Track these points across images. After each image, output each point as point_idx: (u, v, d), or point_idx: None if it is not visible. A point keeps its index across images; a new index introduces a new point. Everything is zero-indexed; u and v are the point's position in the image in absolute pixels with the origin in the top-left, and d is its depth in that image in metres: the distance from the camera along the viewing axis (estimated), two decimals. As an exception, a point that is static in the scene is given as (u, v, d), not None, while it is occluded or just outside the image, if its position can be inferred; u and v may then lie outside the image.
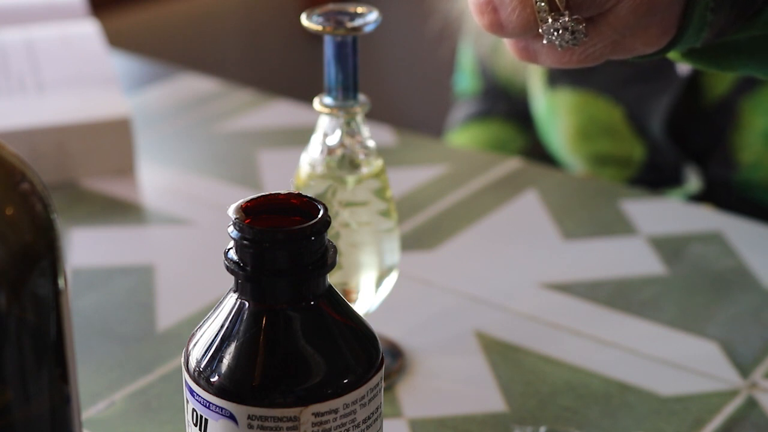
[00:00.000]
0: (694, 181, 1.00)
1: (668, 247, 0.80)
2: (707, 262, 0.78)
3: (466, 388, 0.66)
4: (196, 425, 0.48)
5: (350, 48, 0.61)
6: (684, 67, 0.98)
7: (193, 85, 1.07)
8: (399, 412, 0.64)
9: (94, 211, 0.85)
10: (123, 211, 0.86)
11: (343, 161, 0.63)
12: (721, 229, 0.82)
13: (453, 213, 0.85)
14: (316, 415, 0.46)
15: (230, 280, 0.47)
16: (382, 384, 0.49)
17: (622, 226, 0.83)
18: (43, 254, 0.41)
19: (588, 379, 0.67)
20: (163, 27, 1.92)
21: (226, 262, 0.47)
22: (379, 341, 0.49)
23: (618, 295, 0.75)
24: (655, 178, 1.02)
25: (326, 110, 0.62)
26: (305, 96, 0.90)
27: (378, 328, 0.70)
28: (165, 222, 0.84)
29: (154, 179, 0.90)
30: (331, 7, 0.61)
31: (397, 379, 0.67)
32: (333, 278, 0.64)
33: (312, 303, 0.47)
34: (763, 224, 0.83)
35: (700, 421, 0.63)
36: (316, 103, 0.62)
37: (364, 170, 0.63)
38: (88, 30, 1.04)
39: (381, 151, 0.65)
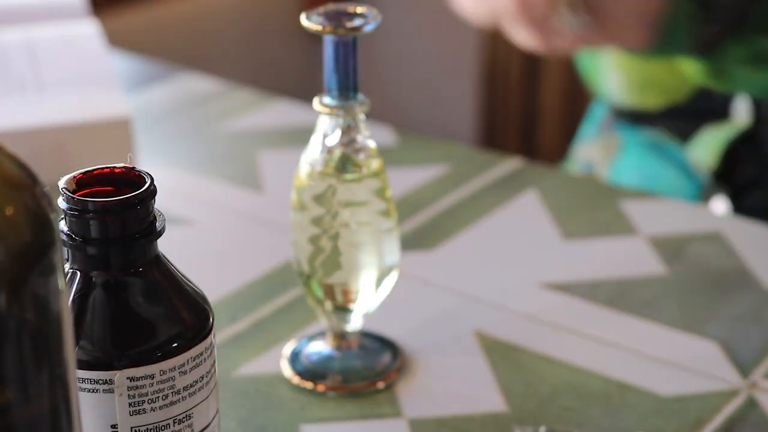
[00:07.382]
0: (743, 115, 0.95)
1: (668, 247, 0.80)
2: (707, 262, 0.78)
3: (466, 388, 0.66)
4: None
5: (350, 48, 0.61)
6: None
7: (193, 85, 1.07)
8: (399, 412, 0.64)
9: (94, 211, 0.85)
10: (123, 211, 0.85)
11: (343, 161, 0.63)
12: (721, 229, 0.82)
13: (453, 213, 0.85)
14: (132, 379, 0.48)
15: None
16: (212, 354, 0.51)
17: (622, 226, 0.83)
18: (43, 254, 0.41)
19: (588, 379, 0.67)
20: (163, 27, 1.92)
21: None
22: (210, 311, 0.51)
23: (618, 295, 0.75)
24: (703, 107, 0.98)
25: (326, 110, 0.62)
26: (305, 96, 0.90)
27: (378, 328, 0.70)
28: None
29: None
30: (331, 7, 0.61)
31: (397, 379, 0.67)
32: (333, 278, 0.64)
33: (141, 270, 0.49)
34: (763, 224, 0.83)
35: (700, 421, 0.63)
36: (316, 103, 0.62)
37: (364, 170, 0.63)
38: (88, 30, 1.04)
39: (381, 151, 0.65)
